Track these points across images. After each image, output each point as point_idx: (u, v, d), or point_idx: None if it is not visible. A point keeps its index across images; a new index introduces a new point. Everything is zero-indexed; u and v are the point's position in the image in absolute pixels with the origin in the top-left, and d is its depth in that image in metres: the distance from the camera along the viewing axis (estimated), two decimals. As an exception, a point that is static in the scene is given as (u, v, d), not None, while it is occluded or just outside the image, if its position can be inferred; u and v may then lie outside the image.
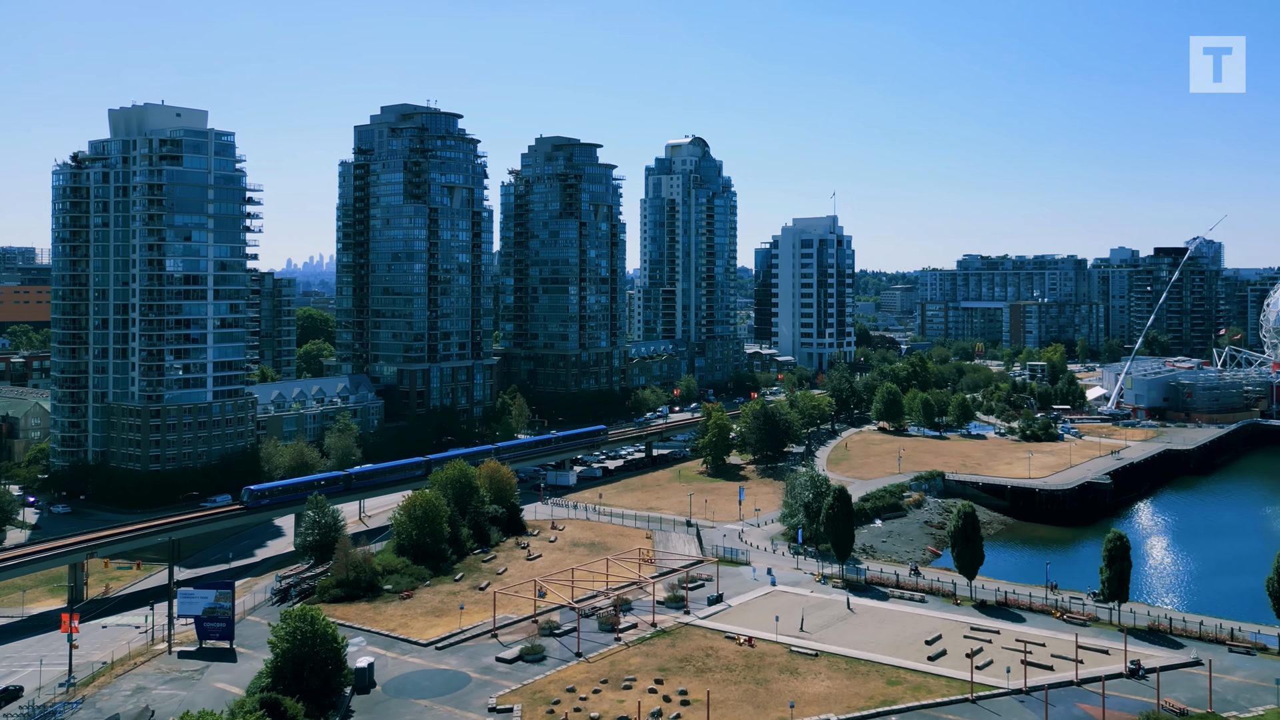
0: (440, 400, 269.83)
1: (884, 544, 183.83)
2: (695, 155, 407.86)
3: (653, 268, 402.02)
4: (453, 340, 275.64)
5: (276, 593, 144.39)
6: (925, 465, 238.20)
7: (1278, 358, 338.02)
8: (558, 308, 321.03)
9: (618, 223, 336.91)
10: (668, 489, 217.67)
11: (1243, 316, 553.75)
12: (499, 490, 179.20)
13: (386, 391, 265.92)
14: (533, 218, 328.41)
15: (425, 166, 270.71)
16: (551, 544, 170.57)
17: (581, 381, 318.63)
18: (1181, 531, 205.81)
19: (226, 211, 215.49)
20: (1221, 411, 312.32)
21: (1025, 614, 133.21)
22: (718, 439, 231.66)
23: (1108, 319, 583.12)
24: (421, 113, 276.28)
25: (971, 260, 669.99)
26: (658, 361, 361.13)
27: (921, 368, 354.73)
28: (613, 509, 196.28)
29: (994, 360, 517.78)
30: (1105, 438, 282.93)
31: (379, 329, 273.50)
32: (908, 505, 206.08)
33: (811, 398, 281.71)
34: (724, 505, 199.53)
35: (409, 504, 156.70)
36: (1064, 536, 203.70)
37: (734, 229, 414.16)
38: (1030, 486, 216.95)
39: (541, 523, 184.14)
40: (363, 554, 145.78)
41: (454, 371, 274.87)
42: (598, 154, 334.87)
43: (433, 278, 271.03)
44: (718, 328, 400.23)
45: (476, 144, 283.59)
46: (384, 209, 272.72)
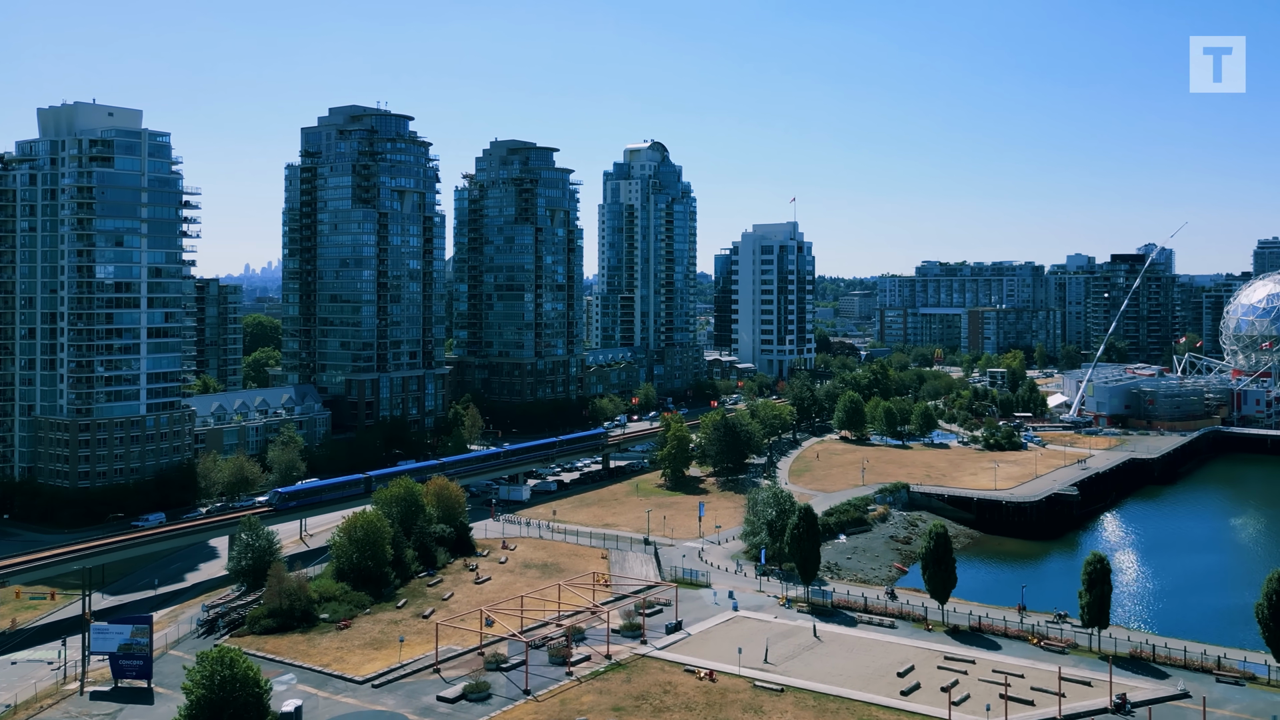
0: (390, 411, 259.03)
1: (849, 561, 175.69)
2: (654, 160, 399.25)
3: (611, 274, 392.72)
4: (403, 349, 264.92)
5: (203, 624, 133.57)
6: (889, 476, 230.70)
7: (1237, 365, 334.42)
8: (513, 315, 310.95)
9: (575, 228, 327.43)
10: (625, 503, 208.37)
11: (1198, 323, 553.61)
12: (447, 508, 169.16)
13: (334, 402, 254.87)
14: (487, 223, 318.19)
15: (375, 170, 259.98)
16: (502, 565, 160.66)
17: (537, 391, 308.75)
18: (1151, 545, 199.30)
19: (161, 215, 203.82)
20: (1183, 419, 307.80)
21: (1001, 640, 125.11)
22: (677, 451, 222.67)
23: (1064, 325, 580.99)
24: (371, 114, 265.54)
25: (930, 266, 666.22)
26: (616, 370, 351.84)
27: (883, 375, 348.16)
28: (567, 526, 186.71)
29: (953, 366, 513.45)
30: (1069, 446, 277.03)
31: (327, 337, 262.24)
32: (872, 519, 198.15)
33: (773, 407, 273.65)
34: (683, 521, 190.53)
35: (349, 525, 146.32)
36: (1032, 551, 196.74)
37: (694, 235, 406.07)
38: (997, 499, 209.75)
39: (492, 542, 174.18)
40: (297, 580, 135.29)
41: (404, 381, 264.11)
42: (554, 158, 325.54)
43: (382, 285, 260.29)
44: (677, 335, 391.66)
45: (428, 147, 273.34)
46: (332, 213, 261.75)
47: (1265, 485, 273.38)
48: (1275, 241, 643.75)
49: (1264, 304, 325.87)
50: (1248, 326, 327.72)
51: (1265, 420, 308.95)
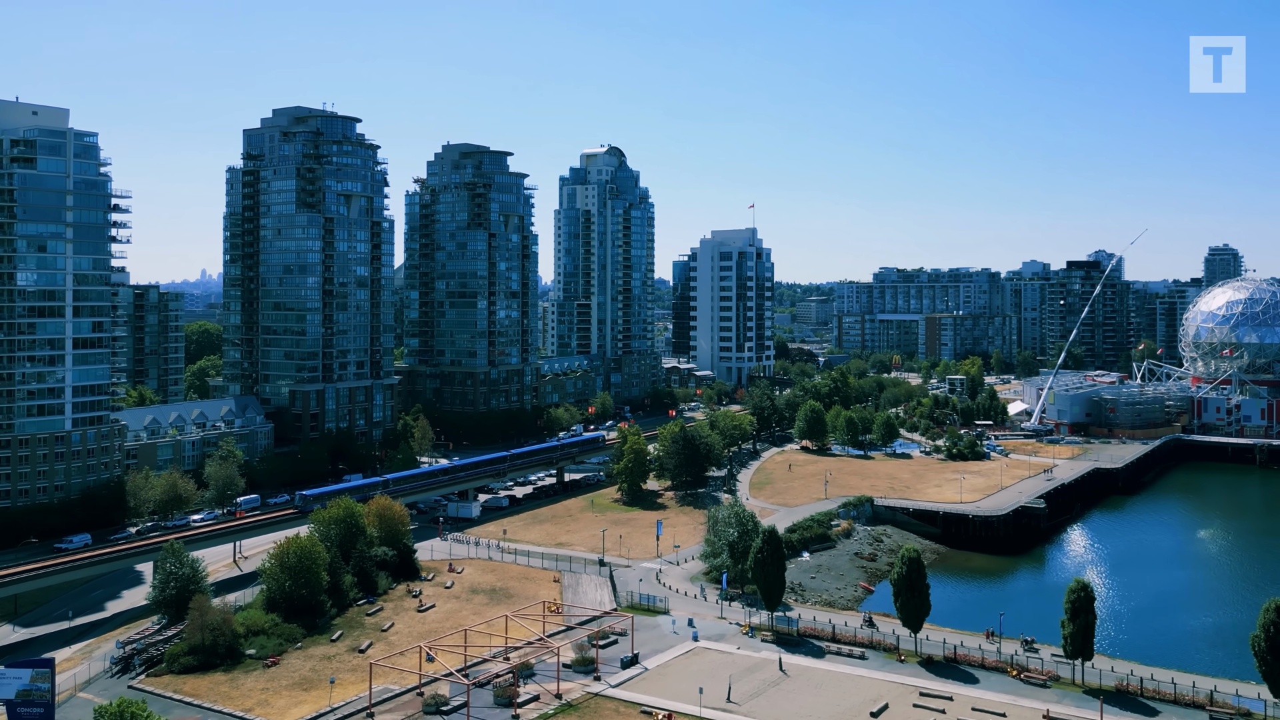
0: (336, 423, 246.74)
1: (813, 580, 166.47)
2: (611, 165, 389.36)
3: (567, 281, 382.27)
4: (350, 359, 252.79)
5: (118, 661, 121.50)
6: (852, 488, 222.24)
7: (1197, 372, 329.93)
8: (465, 323, 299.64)
9: (529, 234, 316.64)
10: (580, 520, 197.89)
11: (1152, 329, 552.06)
12: (390, 529, 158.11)
13: (277, 414, 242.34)
14: (439, 228, 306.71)
15: (320, 173, 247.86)
16: (447, 590, 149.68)
17: (491, 400, 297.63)
18: (1120, 561, 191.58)
19: (88, 219, 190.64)
20: (1144, 427, 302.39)
21: (978, 672, 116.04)
22: (634, 465, 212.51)
23: (1020, 331, 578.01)
24: (316, 116, 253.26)
25: (888, 273, 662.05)
26: (572, 378, 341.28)
27: (843, 383, 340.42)
28: (518, 545, 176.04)
29: (911, 373, 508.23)
30: (1032, 456, 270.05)
31: (270, 347, 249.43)
32: (836, 535, 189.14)
33: (733, 417, 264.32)
34: (640, 539, 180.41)
35: (281, 551, 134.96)
36: (1000, 567, 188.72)
37: (651, 241, 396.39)
38: (963, 512, 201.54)
39: (438, 564, 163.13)
40: (222, 613, 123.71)
41: (351, 392, 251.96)
42: (508, 162, 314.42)
43: (328, 292, 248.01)
44: (635, 342, 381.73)
45: (376, 150, 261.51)
46: (275, 218, 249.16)
47: (1227, 494, 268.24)
48: (1226, 248, 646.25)
49: (1223, 311, 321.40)
50: (1207, 334, 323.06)
51: (1225, 428, 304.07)
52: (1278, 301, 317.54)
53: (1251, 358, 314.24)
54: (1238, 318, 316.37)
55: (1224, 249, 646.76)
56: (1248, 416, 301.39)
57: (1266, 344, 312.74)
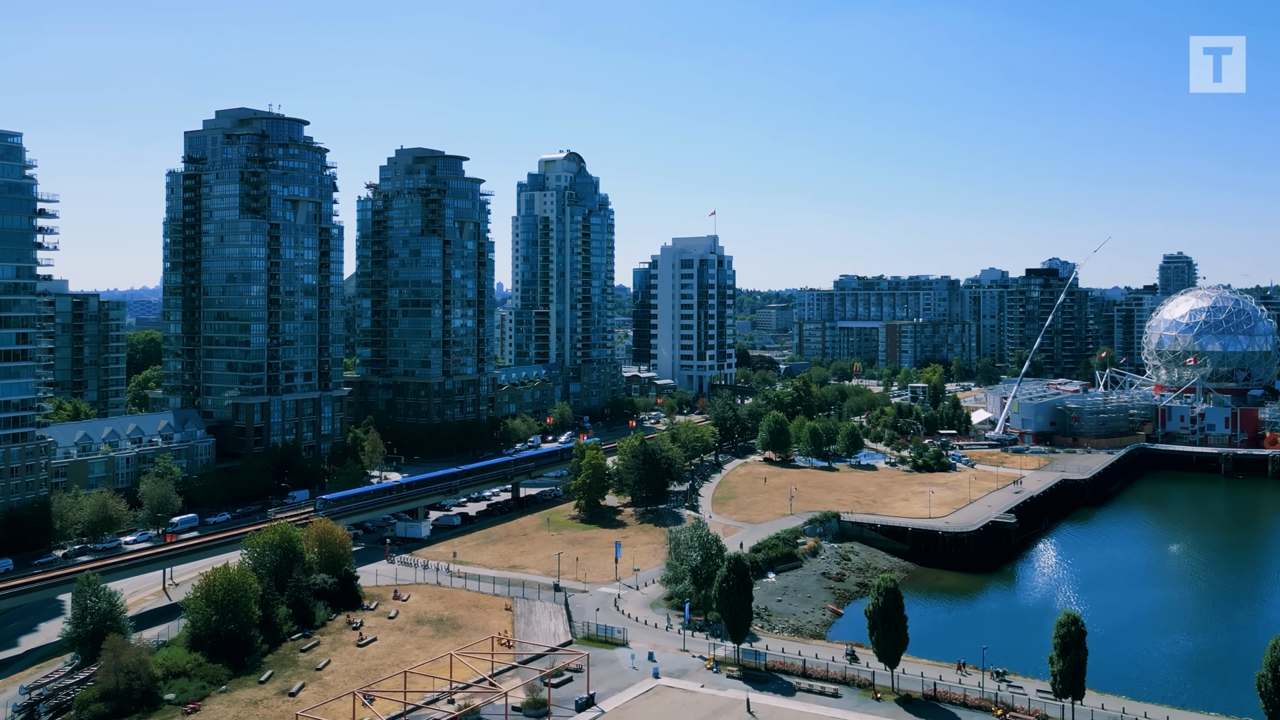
0: (282, 437, 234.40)
1: (780, 604, 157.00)
2: (570, 171, 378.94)
3: (525, 288, 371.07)
4: (297, 370, 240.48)
5: (20, 710, 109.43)
6: (818, 503, 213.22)
7: (1160, 380, 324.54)
8: (419, 332, 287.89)
9: (485, 241, 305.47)
10: (535, 539, 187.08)
11: (1109, 336, 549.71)
12: (330, 555, 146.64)
13: (220, 428, 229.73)
14: (392, 235, 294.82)
15: (265, 177, 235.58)
16: (391, 621, 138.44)
17: (445, 411, 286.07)
18: (1092, 579, 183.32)
19: (11, 225, 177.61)
20: (1108, 436, 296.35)
21: (960, 712, 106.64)
22: (592, 480, 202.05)
23: (979, 338, 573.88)
24: (262, 118, 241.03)
25: (848, 280, 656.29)
26: (529, 388, 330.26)
27: (806, 392, 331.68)
28: (469, 568, 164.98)
29: (872, 380, 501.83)
30: (998, 466, 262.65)
31: (212, 358, 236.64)
32: (803, 554, 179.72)
33: (694, 428, 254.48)
34: (598, 561, 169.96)
35: (207, 583, 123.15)
36: (970, 586, 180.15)
37: (611, 248, 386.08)
38: (932, 528, 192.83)
39: (383, 590, 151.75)
40: (138, 652, 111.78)
41: (298, 404, 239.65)
42: (464, 167, 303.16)
43: (273, 301, 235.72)
44: (594, 351, 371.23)
45: (324, 153, 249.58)
46: (218, 224, 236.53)
47: (1195, 506, 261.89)
48: (1181, 256, 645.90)
49: (1186, 319, 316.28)
50: (1170, 342, 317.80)
51: (1189, 436, 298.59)
52: (1240, 310, 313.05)
53: (1214, 366, 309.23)
54: (1201, 326, 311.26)
55: (1178, 257, 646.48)
56: (1212, 425, 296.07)
57: (1229, 352, 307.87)
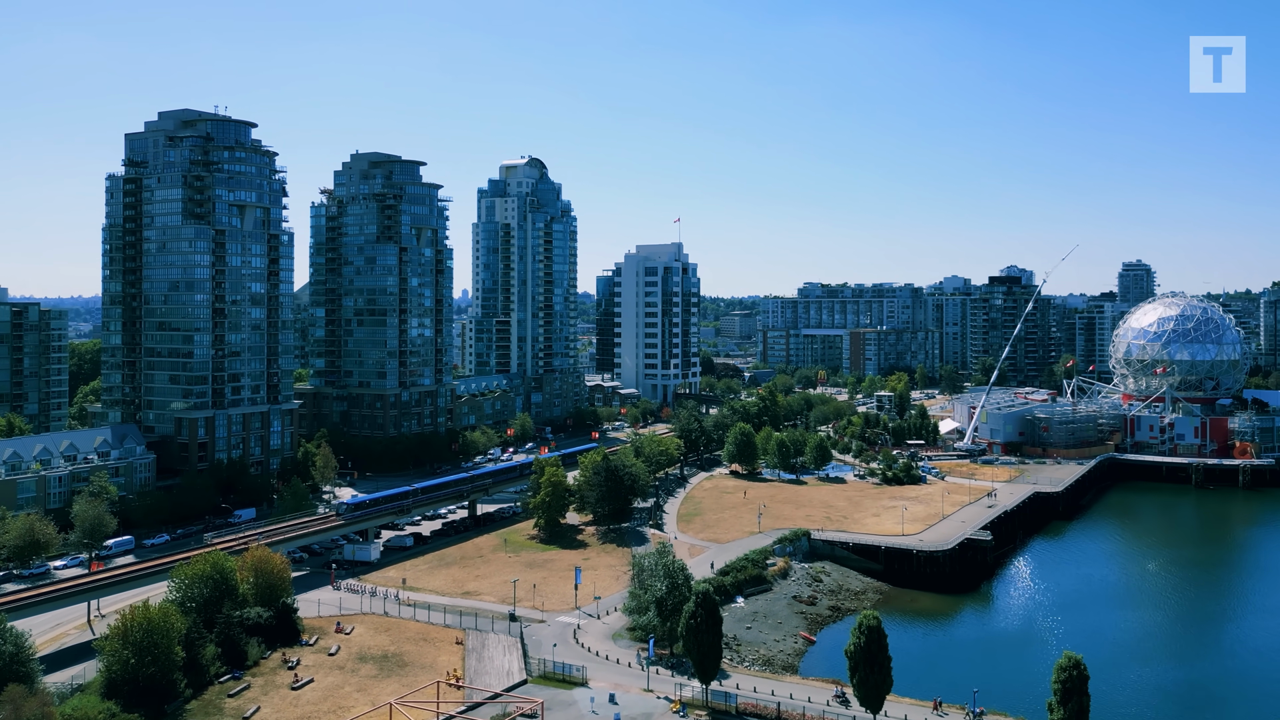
0: (228, 453, 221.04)
1: (749, 631, 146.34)
2: (532, 177, 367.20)
3: (486, 297, 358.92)
4: (244, 382, 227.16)
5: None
6: (787, 520, 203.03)
7: (1128, 389, 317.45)
8: (375, 342, 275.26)
9: (444, 248, 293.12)
10: (491, 562, 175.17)
11: (1072, 344, 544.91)
12: (267, 585, 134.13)
13: (161, 444, 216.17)
14: (347, 242, 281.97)
15: (210, 181, 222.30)
16: (331, 658, 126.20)
17: (402, 424, 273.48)
18: (1069, 600, 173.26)
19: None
20: (1078, 446, 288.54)
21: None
22: (551, 498, 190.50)
23: (942, 345, 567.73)
24: (206, 119, 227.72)
25: (812, 288, 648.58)
26: (490, 399, 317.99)
27: (772, 402, 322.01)
28: (420, 596, 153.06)
29: (836, 388, 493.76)
30: (969, 479, 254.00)
31: (154, 370, 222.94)
32: (773, 575, 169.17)
33: (659, 442, 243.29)
34: (557, 586, 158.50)
35: (124, 622, 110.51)
36: (946, 608, 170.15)
37: (574, 256, 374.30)
38: (907, 547, 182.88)
39: (325, 622, 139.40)
40: (42, 703, 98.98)
41: (245, 419, 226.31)
42: (421, 172, 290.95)
43: (218, 310, 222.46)
44: (556, 360, 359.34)
45: (274, 157, 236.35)
46: (159, 230, 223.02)
47: (1166, 518, 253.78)
48: (1140, 264, 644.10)
49: (1154, 328, 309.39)
50: (1138, 350, 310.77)
51: (1159, 446, 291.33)
52: (1209, 319, 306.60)
53: (1183, 375, 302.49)
54: (1169, 335, 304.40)
55: (1137, 265, 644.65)
56: (1181, 435, 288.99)
57: (1198, 361, 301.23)
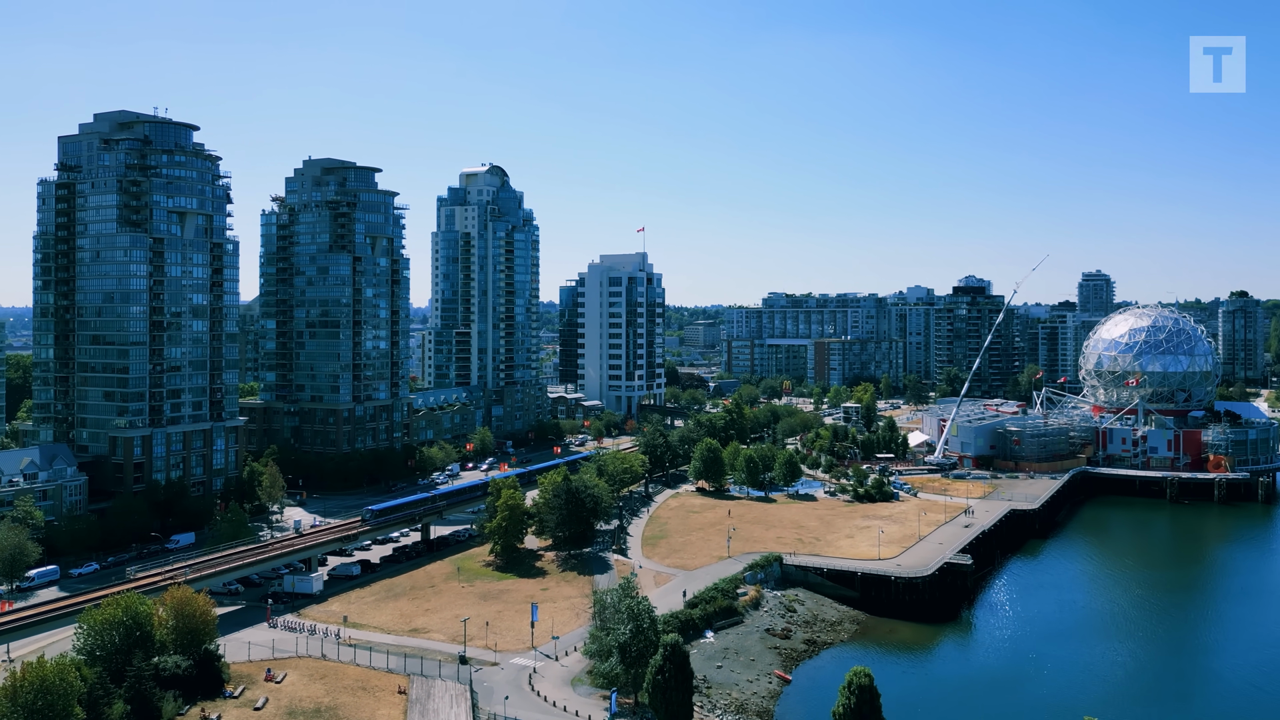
0: (167, 473, 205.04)
1: (719, 671, 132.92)
2: (493, 185, 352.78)
3: (446, 307, 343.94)
4: (184, 399, 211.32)
5: None
6: (757, 542, 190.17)
7: (1098, 400, 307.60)
8: (327, 355, 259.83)
9: (400, 257, 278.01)
10: (443, 593, 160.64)
11: (1035, 353, 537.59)
12: (188, 629, 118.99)
13: (95, 464, 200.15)
14: (298, 251, 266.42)
15: (147, 187, 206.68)
16: (256, 713, 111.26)
17: (356, 439, 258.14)
18: (1055, 631, 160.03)
19: None
20: (1049, 459, 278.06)
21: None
22: (508, 523, 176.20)
23: (906, 355, 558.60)
24: (145, 121, 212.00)
25: (777, 298, 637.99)
26: (449, 413, 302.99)
27: (738, 414, 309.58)
28: (363, 634, 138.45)
29: (802, 397, 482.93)
30: (942, 494, 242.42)
31: (88, 386, 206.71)
32: (744, 606, 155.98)
33: (623, 459, 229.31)
34: (513, 620, 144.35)
35: (14, 682, 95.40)
36: (926, 639, 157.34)
37: (536, 265, 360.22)
38: (884, 573, 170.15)
39: (255, 668, 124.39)
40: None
41: (186, 437, 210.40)
42: (376, 179, 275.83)
43: (156, 323, 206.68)
44: (518, 372, 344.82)
45: (217, 161, 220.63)
46: (93, 239, 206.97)
47: (1144, 537, 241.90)
48: (1099, 274, 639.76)
49: (1126, 339, 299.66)
50: (1109, 361, 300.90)
51: (1131, 459, 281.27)
52: (1180, 330, 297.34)
53: (1154, 387, 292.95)
54: (1141, 346, 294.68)
55: (1097, 275, 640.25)
56: (1154, 448, 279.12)
57: (1170, 373, 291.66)
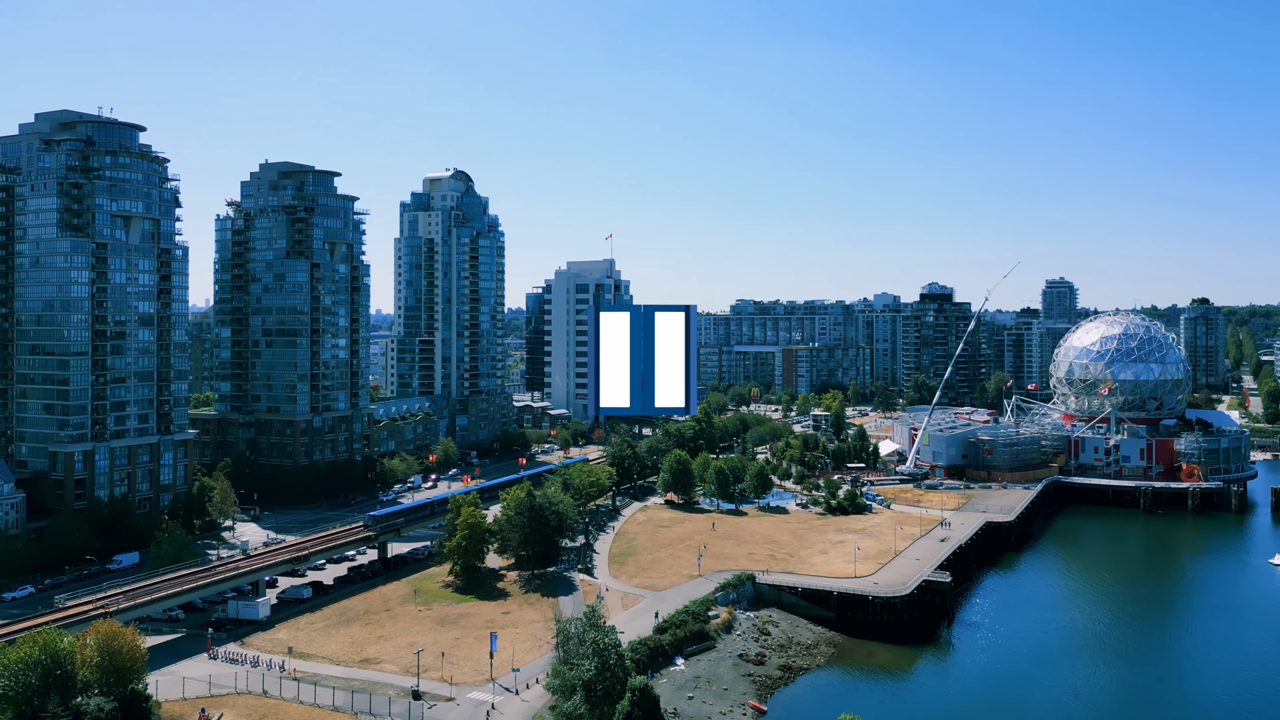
0: (111, 489, 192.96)
1: (690, 703, 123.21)
2: (458, 190, 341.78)
3: (409, 315, 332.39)
4: (130, 412, 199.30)
5: None
6: (728, 559, 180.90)
7: (1069, 409, 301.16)
8: (284, 364, 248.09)
9: (360, 263, 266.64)
10: (399, 617, 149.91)
11: (1001, 360, 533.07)
12: (114, 667, 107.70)
13: (34, 481, 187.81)
14: (254, 258, 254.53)
15: (89, 190, 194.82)
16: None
17: (314, 451, 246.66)
18: (1038, 653, 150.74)
19: None
20: (1022, 469, 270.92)
21: None
22: (469, 542, 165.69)
23: (873, 362, 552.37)
24: (88, 121, 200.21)
25: (744, 305, 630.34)
26: (411, 423, 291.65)
27: (707, 424, 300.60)
28: (310, 665, 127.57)
29: (770, 404, 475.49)
30: (916, 506, 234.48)
31: (27, 399, 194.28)
32: (715, 630, 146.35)
33: (589, 472, 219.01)
34: (471, 649, 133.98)
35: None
36: (905, 662, 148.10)
37: (501, 272, 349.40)
38: (861, 592, 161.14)
39: (188, 707, 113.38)
40: None
41: (131, 451, 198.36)
42: (336, 183, 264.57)
43: (100, 332, 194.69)
44: (483, 381, 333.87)
45: (165, 163, 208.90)
46: (32, 244, 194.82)
47: (1120, 549, 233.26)
48: (1062, 281, 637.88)
49: (1097, 346, 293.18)
50: (1081, 370, 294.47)
51: (1104, 469, 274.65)
52: (1152, 338, 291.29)
53: (1126, 395, 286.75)
54: (1113, 354, 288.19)
55: (1060, 282, 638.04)
56: (1127, 457, 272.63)
57: (1142, 381, 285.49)
